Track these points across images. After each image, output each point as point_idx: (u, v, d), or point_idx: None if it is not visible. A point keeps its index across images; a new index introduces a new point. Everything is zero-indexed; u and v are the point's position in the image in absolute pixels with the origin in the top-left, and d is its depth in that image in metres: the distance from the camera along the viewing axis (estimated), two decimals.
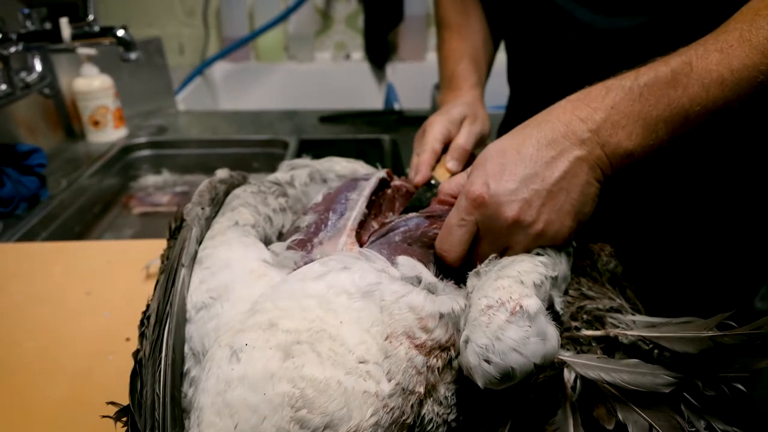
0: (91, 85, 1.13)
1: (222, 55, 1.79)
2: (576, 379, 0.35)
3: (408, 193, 0.56)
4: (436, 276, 0.40)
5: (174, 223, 0.45)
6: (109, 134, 1.17)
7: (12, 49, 0.96)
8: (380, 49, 1.84)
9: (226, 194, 0.51)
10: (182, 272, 0.40)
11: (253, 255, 0.42)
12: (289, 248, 0.44)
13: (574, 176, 0.42)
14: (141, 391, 0.34)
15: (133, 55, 0.99)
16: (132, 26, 1.04)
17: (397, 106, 1.49)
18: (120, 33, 0.97)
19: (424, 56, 1.87)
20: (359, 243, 0.45)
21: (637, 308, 0.47)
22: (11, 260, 0.71)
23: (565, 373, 0.36)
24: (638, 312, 0.46)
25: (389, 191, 0.54)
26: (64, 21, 0.96)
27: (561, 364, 0.36)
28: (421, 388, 0.34)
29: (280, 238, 0.48)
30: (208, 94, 1.78)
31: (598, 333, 0.40)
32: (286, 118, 1.31)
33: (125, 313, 0.59)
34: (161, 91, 1.38)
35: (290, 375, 0.30)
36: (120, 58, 0.99)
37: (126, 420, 0.34)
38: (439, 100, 0.76)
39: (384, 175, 0.54)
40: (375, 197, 0.51)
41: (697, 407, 0.34)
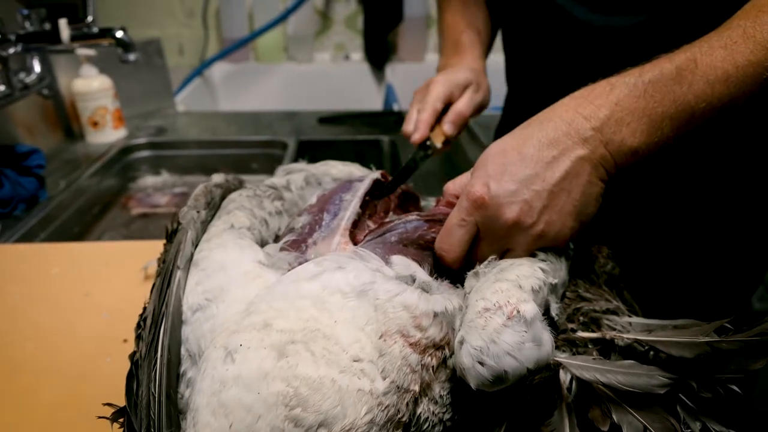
0: (90, 85, 1.14)
1: (221, 55, 1.80)
2: (572, 380, 0.36)
3: (403, 192, 0.56)
4: (431, 275, 0.40)
5: (170, 227, 0.46)
6: (108, 135, 1.18)
7: (11, 50, 0.96)
8: (379, 50, 1.84)
9: (222, 198, 0.51)
10: (178, 274, 0.40)
11: (249, 257, 0.42)
12: (282, 249, 0.44)
13: (576, 176, 0.41)
14: (137, 391, 0.34)
15: (132, 56, 0.99)
16: (131, 27, 1.04)
17: (396, 107, 1.49)
18: (119, 34, 0.97)
19: (424, 57, 1.87)
20: (353, 242, 0.45)
21: (633, 310, 0.48)
22: (10, 261, 0.71)
23: (561, 375, 0.36)
24: (635, 314, 0.46)
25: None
26: (63, 22, 0.97)
27: (557, 365, 0.36)
28: (416, 387, 0.34)
29: (276, 241, 0.49)
30: (207, 95, 1.78)
31: (594, 335, 0.40)
32: (285, 119, 1.31)
33: (123, 315, 0.59)
34: (160, 91, 1.38)
35: (284, 374, 0.30)
36: (119, 59, 1.00)
37: (122, 421, 0.34)
38: (440, 65, 0.76)
39: (378, 176, 0.54)
40: (369, 198, 0.51)
41: (693, 408, 0.34)
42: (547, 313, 0.39)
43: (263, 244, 0.47)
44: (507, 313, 0.33)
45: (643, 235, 0.71)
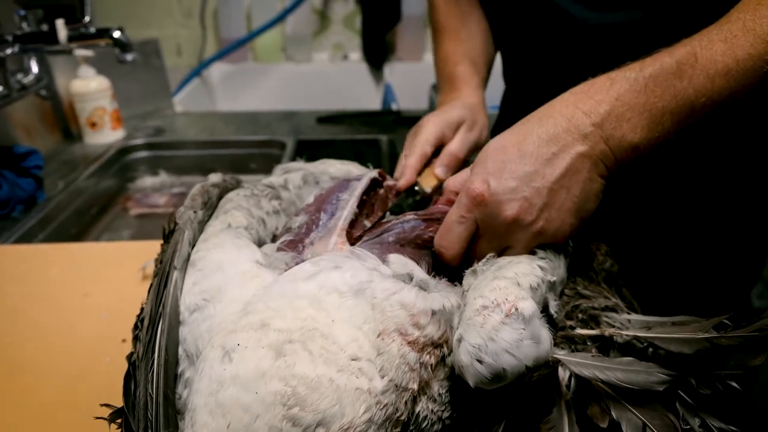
0: (88, 86, 1.13)
1: (219, 56, 1.80)
2: (570, 377, 0.36)
3: (399, 192, 0.56)
4: (429, 274, 0.40)
5: (167, 227, 0.46)
6: (107, 136, 1.17)
7: (8, 51, 0.96)
8: (378, 50, 1.84)
9: (220, 198, 0.51)
10: (174, 275, 0.40)
11: (246, 257, 0.42)
12: (279, 249, 0.44)
13: (576, 173, 0.41)
14: (134, 392, 0.34)
15: (130, 57, 0.99)
16: (129, 27, 1.04)
17: (394, 107, 1.49)
18: (116, 34, 0.97)
19: (422, 56, 1.87)
20: (350, 242, 0.45)
21: (632, 307, 0.48)
22: (8, 262, 0.71)
23: (560, 372, 0.36)
24: (634, 311, 0.46)
25: (381, 191, 0.54)
26: (60, 23, 0.96)
27: (556, 362, 0.36)
28: (414, 385, 0.34)
29: (273, 240, 0.48)
30: (205, 95, 1.78)
31: (593, 332, 0.40)
32: (283, 119, 1.31)
33: (122, 315, 0.59)
34: (158, 92, 1.38)
35: (282, 373, 0.30)
36: (116, 60, 0.99)
37: (120, 422, 0.34)
38: (438, 102, 0.75)
39: (376, 175, 0.54)
40: (366, 197, 0.51)
41: (692, 405, 0.35)
42: (545, 310, 0.39)
43: (261, 244, 0.47)
44: (505, 311, 0.33)
45: (642, 232, 0.71)
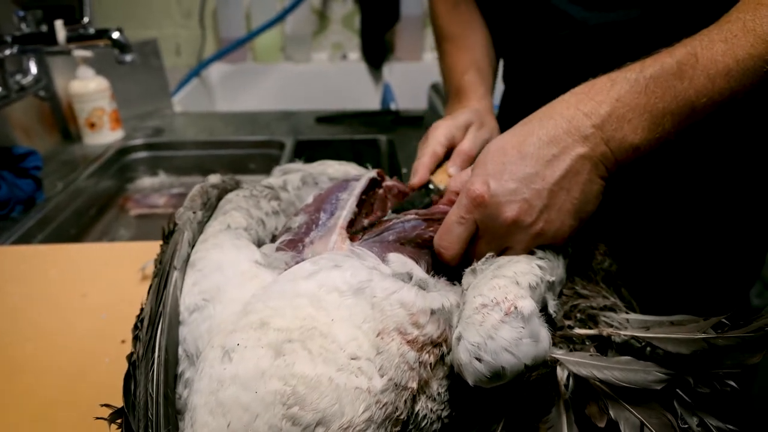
0: (87, 87, 1.13)
1: (219, 56, 1.80)
2: (569, 377, 0.36)
3: (400, 192, 0.56)
4: (428, 273, 0.40)
5: (167, 227, 0.46)
6: (106, 136, 1.17)
7: (7, 52, 0.96)
8: (377, 50, 1.84)
9: (219, 199, 0.51)
10: (174, 275, 0.40)
11: (245, 257, 0.42)
12: (279, 249, 0.44)
13: (576, 174, 0.41)
14: (135, 392, 0.34)
15: (129, 57, 0.99)
16: (128, 28, 1.04)
17: (393, 106, 1.49)
18: (115, 35, 0.97)
19: (421, 56, 1.87)
20: (350, 241, 0.45)
21: (631, 307, 0.48)
22: (7, 263, 0.71)
23: (558, 371, 0.36)
24: (632, 310, 0.46)
25: (381, 191, 0.54)
26: (59, 23, 0.97)
27: (554, 362, 0.36)
28: (413, 384, 0.34)
29: (273, 241, 0.49)
30: (204, 96, 1.78)
31: (591, 332, 0.40)
32: (282, 119, 1.31)
33: (121, 315, 0.59)
34: (158, 92, 1.38)
35: (281, 373, 0.30)
36: (115, 60, 0.99)
37: (120, 422, 0.34)
38: (446, 113, 0.75)
39: (375, 175, 0.54)
40: (366, 197, 0.51)
41: (690, 404, 0.35)
42: (544, 310, 0.39)
43: (260, 244, 0.47)
44: (504, 309, 0.33)
45: (641, 231, 0.71)
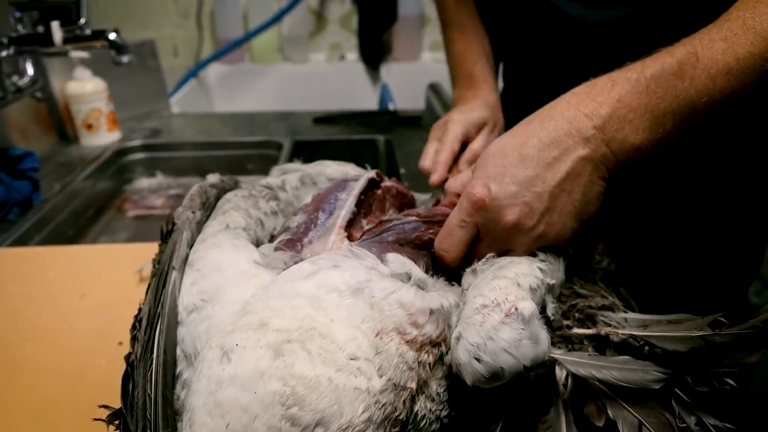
0: (83, 88, 1.13)
1: (216, 56, 1.79)
2: (567, 376, 0.36)
3: (399, 193, 0.56)
4: (427, 273, 0.40)
5: (165, 227, 0.46)
6: (103, 137, 1.17)
7: (3, 53, 0.95)
8: (374, 50, 1.84)
9: (218, 199, 0.51)
10: (173, 275, 0.40)
11: (244, 257, 0.42)
12: (277, 249, 0.44)
13: (577, 176, 0.41)
14: (133, 392, 0.34)
15: (125, 58, 0.99)
16: (125, 29, 1.04)
17: (391, 107, 1.49)
18: (112, 36, 0.97)
19: (419, 56, 1.87)
20: (349, 241, 0.45)
21: (630, 306, 0.48)
22: (5, 264, 0.71)
23: (557, 371, 0.36)
24: (631, 310, 0.46)
25: (379, 192, 0.54)
26: (55, 24, 0.96)
27: (552, 362, 0.36)
28: (412, 384, 0.34)
29: (271, 240, 0.49)
30: (202, 96, 1.78)
31: (590, 331, 0.40)
32: (280, 120, 1.31)
33: (119, 317, 0.59)
34: (155, 93, 1.38)
35: (281, 373, 0.30)
36: (112, 61, 0.99)
37: (118, 423, 0.34)
38: (455, 97, 0.77)
39: (373, 176, 0.54)
40: (364, 197, 0.51)
41: (688, 403, 0.35)
42: (543, 312, 0.39)
43: (259, 245, 0.47)
44: (505, 310, 0.33)
45: (640, 230, 0.72)
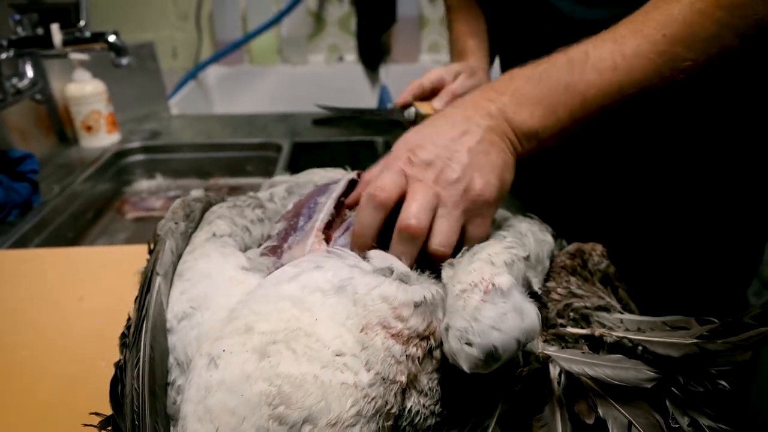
0: (83, 90, 1.14)
1: (215, 58, 1.80)
2: (561, 374, 0.36)
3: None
4: (411, 268, 0.40)
5: (152, 241, 0.46)
6: (102, 139, 1.18)
7: (3, 55, 0.96)
8: (373, 51, 1.84)
9: (203, 213, 0.51)
10: (158, 280, 0.40)
11: (232, 263, 0.42)
12: (262, 255, 0.44)
13: (491, 141, 0.45)
14: (122, 392, 0.34)
15: (125, 60, 1.00)
16: (125, 31, 1.05)
17: (390, 108, 1.49)
18: (111, 38, 0.98)
19: (418, 58, 1.88)
20: (326, 243, 0.45)
21: (629, 309, 0.48)
22: (4, 267, 0.71)
23: (551, 369, 0.36)
24: (629, 311, 0.46)
25: None
26: (55, 27, 0.97)
27: (546, 358, 0.36)
28: (402, 377, 0.34)
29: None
30: (201, 98, 1.78)
31: (583, 331, 0.40)
32: (279, 121, 1.32)
33: (118, 319, 0.59)
34: (154, 95, 1.38)
35: (266, 374, 0.30)
36: (112, 64, 1.00)
37: (110, 428, 0.34)
38: None
39: (354, 176, 0.54)
40: (345, 198, 0.51)
41: (682, 403, 0.35)
42: (530, 288, 0.40)
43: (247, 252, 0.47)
44: (483, 289, 0.33)
45: (638, 229, 0.72)
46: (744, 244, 0.73)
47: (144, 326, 0.37)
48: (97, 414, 0.34)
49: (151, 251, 0.45)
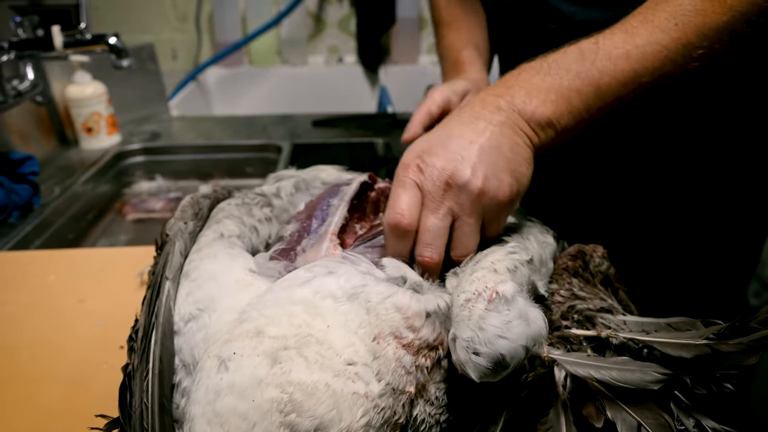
0: (83, 92, 1.13)
1: (215, 60, 1.80)
2: (566, 377, 0.36)
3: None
4: (422, 276, 0.40)
5: (160, 239, 0.46)
6: (103, 141, 1.17)
7: (4, 58, 0.96)
8: (373, 53, 1.84)
9: (211, 209, 0.51)
10: (167, 285, 0.40)
11: (239, 265, 0.42)
12: (272, 258, 0.44)
13: (502, 136, 0.43)
14: (130, 402, 0.34)
15: (125, 62, 1.00)
16: (125, 32, 1.05)
17: (390, 109, 1.49)
18: (112, 40, 0.98)
19: (417, 59, 1.88)
20: (343, 247, 0.45)
21: (629, 310, 0.48)
22: (4, 268, 0.71)
23: (556, 372, 0.36)
24: (630, 313, 0.46)
25: (373, 194, 0.54)
26: (56, 29, 0.97)
27: (551, 362, 0.36)
28: (411, 388, 0.34)
29: (267, 248, 0.48)
30: (201, 100, 1.78)
31: (589, 333, 0.40)
32: (279, 123, 1.31)
33: (119, 321, 0.59)
34: (154, 97, 1.38)
35: (278, 380, 0.30)
36: (112, 65, 1.00)
37: None
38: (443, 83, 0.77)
39: (366, 179, 0.53)
40: (357, 201, 0.51)
41: (687, 405, 0.35)
42: (536, 293, 0.39)
43: (254, 252, 0.47)
44: (487, 298, 0.33)
45: (636, 230, 0.72)
46: (742, 244, 0.73)
47: (153, 336, 0.37)
48: (103, 416, 0.34)
49: (158, 249, 0.45)
